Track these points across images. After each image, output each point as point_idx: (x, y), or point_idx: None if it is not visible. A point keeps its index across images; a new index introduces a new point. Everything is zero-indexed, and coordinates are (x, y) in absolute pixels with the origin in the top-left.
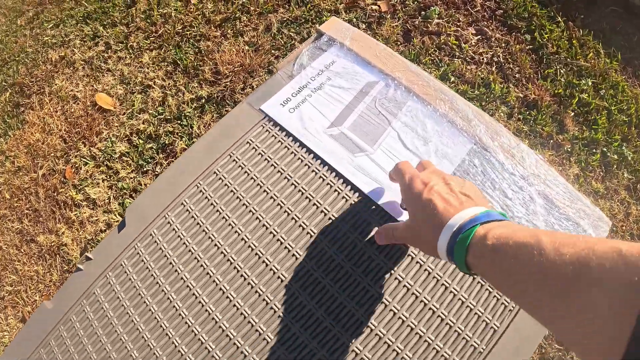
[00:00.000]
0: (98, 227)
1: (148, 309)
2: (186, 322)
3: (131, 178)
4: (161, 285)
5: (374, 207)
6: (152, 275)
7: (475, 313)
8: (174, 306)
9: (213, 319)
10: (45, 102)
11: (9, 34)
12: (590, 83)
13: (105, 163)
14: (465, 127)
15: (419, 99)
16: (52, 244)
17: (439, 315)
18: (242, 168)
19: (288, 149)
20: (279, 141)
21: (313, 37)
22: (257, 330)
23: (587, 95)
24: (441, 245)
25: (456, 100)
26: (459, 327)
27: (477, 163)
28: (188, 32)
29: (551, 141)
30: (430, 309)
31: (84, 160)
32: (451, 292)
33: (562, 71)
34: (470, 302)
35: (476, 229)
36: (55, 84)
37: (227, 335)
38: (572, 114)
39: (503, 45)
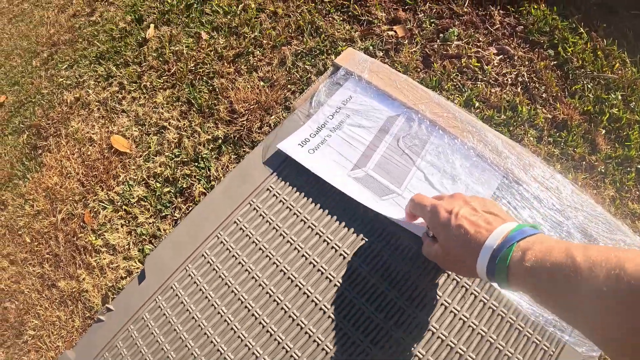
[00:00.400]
0: (118, 273)
1: None
2: None
3: (150, 223)
4: (184, 340)
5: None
6: (174, 329)
7: (525, 335)
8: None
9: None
10: (62, 145)
11: (25, 75)
12: (619, 97)
13: (123, 208)
14: (495, 160)
15: (445, 133)
16: (73, 290)
17: (487, 339)
18: (263, 217)
19: (307, 198)
20: (301, 186)
21: (329, 72)
22: None
23: (617, 109)
24: (481, 268)
25: (484, 132)
26: (509, 351)
27: (510, 198)
28: (201, 70)
29: (584, 163)
30: (478, 333)
31: (102, 204)
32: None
33: (589, 86)
34: (519, 324)
35: (513, 249)
36: (72, 126)
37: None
38: (604, 131)
39: (527, 63)
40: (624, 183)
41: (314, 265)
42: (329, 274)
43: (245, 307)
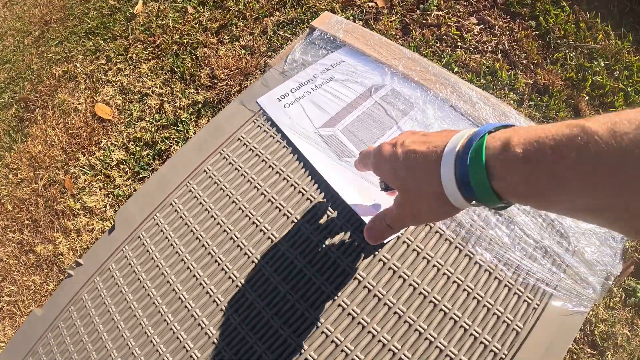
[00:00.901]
0: (94, 235)
1: (133, 314)
2: (171, 329)
3: (127, 185)
4: (147, 289)
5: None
6: (138, 279)
7: (494, 313)
8: (159, 311)
9: (199, 324)
10: (48, 116)
11: (17, 53)
12: (602, 64)
13: (102, 172)
14: (469, 111)
15: (418, 86)
16: (50, 254)
17: (451, 317)
18: (232, 165)
19: (280, 143)
20: (271, 136)
21: (305, 33)
22: (244, 337)
23: (600, 77)
24: (447, 180)
25: (458, 84)
26: (475, 330)
27: None
28: (185, 41)
29: None
30: (441, 310)
31: (83, 170)
32: (465, 290)
33: (571, 55)
34: (487, 301)
35: (485, 140)
36: (58, 98)
37: (214, 343)
38: (587, 97)
39: (507, 33)
40: None
41: (280, 210)
42: (295, 218)
43: (209, 253)
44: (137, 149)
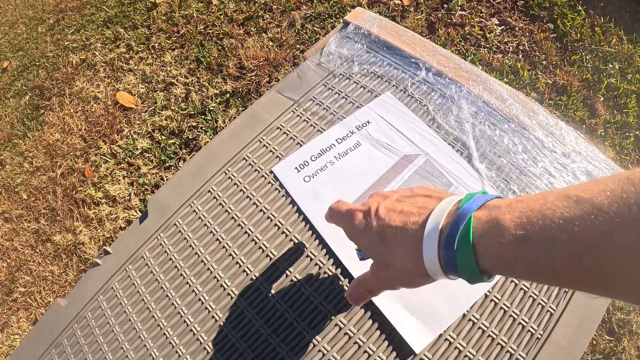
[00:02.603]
0: (117, 224)
1: (171, 303)
2: (213, 317)
3: (153, 174)
4: (186, 277)
5: None
6: (175, 266)
7: (530, 296)
8: (199, 299)
9: (243, 312)
10: (65, 104)
11: (30, 41)
12: (617, 67)
13: (126, 160)
14: (500, 107)
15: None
16: (69, 243)
17: (491, 299)
18: (272, 153)
19: (320, 132)
20: (312, 125)
21: (339, 27)
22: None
23: (614, 79)
24: (431, 262)
25: (489, 81)
26: (514, 312)
27: (517, 142)
28: (210, 31)
29: (584, 126)
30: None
31: (104, 158)
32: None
33: (587, 57)
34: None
35: (472, 220)
36: (76, 86)
37: (259, 332)
38: (602, 98)
39: (527, 34)
40: (623, 147)
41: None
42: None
43: (252, 240)
44: (163, 137)
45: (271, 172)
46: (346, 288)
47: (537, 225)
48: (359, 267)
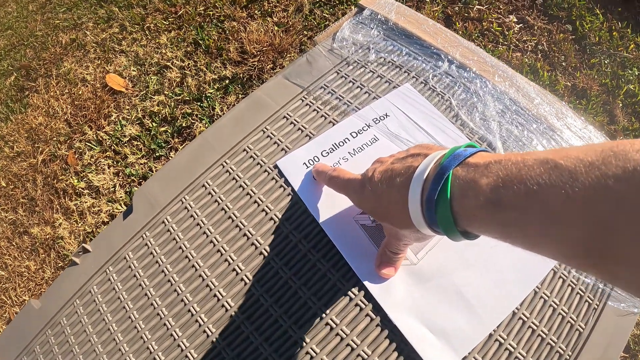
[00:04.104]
0: (100, 218)
1: (156, 313)
2: (204, 331)
3: (141, 164)
4: (174, 283)
5: None
6: (162, 271)
7: (559, 313)
8: (188, 310)
9: (239, 326)
10: (51, 85)
11: (20, 20)
12: (636, 73)
13: (112, 148)
14: (528, 106)
15: (477, 76)
16: (47, 237)
17: (519, 317)
18: (278, 145)
19: (333, 124)
20: (322, 116)
21: (354, 11)
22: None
23: (633, 86)
24: (415, 216)
25: (516, 78)
26: (542, 331)
27: (546, 144)
28: (211, 13)
29: (603, 131)
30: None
31: (89, 145)
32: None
33: (606, 62)
34: (553, 301)
35: (450, 178)
36: (64, 67)
37: (259, 350)
38: (621, 104)
39: (545, 34)
40: None
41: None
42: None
43: (252, 244)
44: (154, 124)
45: (275, 166)
46: (360, 302)
47: (512, 191)
48: (371, 277)
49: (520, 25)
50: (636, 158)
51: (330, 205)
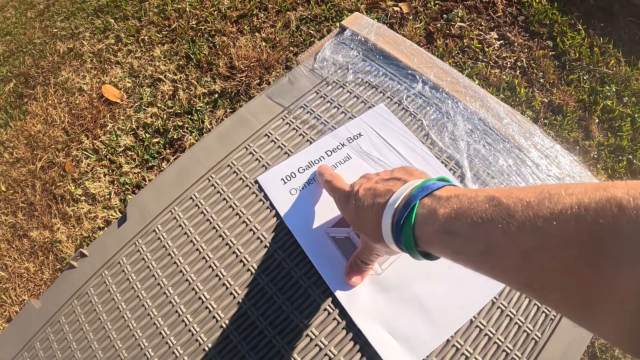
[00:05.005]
0: (96, 223)
1: (147, 313)
2: (190, 330)
3: (135, 173)
4: (163, 287)
5: None
6: (153, 275)
7: (516, 323)
8: (176, 311)
9: (221, 326)
10: (49, 94)
11: (18, 26)
12: (614, 89)
13: (107, 157)
14: (497, 126)
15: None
16: (46, 240)
17: (477, 325)
18: (259, 161)
19: (310, 142)
20: (301, 135)
21: (335, 32)
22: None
23: (610, 102)
24: (386, 235)
25: (487, 98)
26: (498, 339)
27: (512, 163)
28: (203, 27)
29: (577, 147)
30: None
31: (86, 153)
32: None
33: (585, 77)
34: (510, 311)
35: (417, 207)
36: (62, 75)
37: (231, 341)
38: (597, 120)
39: (526, 50)
40: (615, 170)
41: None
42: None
43: (234, 252)
44: (147, 135)
45: (256, 182)
46: (329, 308)
47: (461, 222)
48: (340, 285)
49: (501, 41)
50: (566, 202)
51: (305, 218)
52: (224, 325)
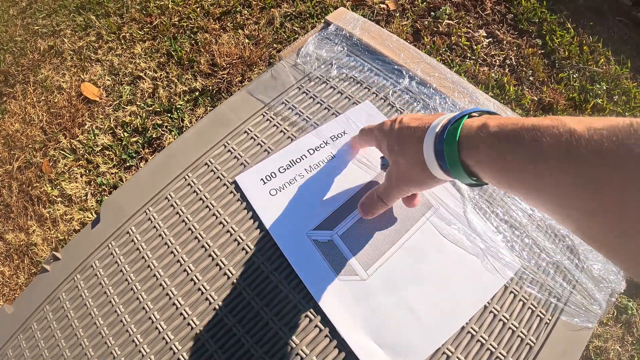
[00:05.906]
0: (72, 226)
1: (119, 320)
2: (164, 338)
3: (112, 173)
4: (136, 292)
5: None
6: (125, 279)
7: (510, 328)
8: (149, 317)
9: (197, 334)
10: (28, 92)
11: (0, 24)
12: (604, 88)
13: (85, 157)
14: None
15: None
16: (22, 243)
17: (468, 332)
18: (237, 159)
19: (291, 139)
20: (282, 132)
21: (320, 27)
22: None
23: (601, 100)
24: (427, 152)
25: (476, 94)
26: (491, 345)
27: None
28: (185, 24)
29: None
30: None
31: (63, 153)
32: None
33: (574, 76)
34: (503, 315)
35: (464, 120)
36: (41, 74)
37: (207, 350)
38: None
39: (514, 48)
40: None
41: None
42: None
43: (209, 255)
44: (125, 134)
45: (234, 181)
46: (310, 314)
47: (516, 127)
48: (322, 291)
49: (490, 39)
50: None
51: (285, 220)
52: (199, 332)
